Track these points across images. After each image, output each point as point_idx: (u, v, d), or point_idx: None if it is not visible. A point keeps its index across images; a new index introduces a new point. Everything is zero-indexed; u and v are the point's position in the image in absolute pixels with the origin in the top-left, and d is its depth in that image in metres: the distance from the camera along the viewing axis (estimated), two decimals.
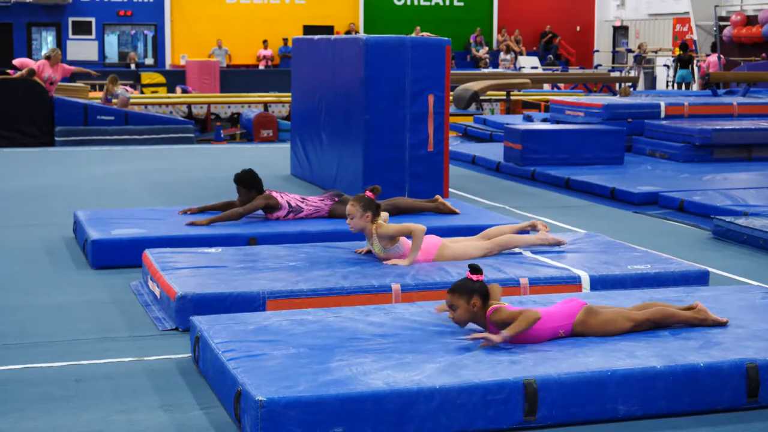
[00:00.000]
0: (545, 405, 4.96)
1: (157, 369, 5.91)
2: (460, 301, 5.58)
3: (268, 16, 37.25)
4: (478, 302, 5.57)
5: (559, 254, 7.98)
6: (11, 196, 12.23)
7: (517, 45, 39.18)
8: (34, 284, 7.96)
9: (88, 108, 19.82)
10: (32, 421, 5.06)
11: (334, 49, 12.60)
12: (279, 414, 4.61)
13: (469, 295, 5.57)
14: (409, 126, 11.46)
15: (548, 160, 14.35)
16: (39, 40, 35.59)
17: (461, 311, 5.59)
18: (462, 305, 5.58)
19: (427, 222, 9.50)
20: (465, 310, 5.59)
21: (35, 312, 7.13)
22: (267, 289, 6.76)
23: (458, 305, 5.59)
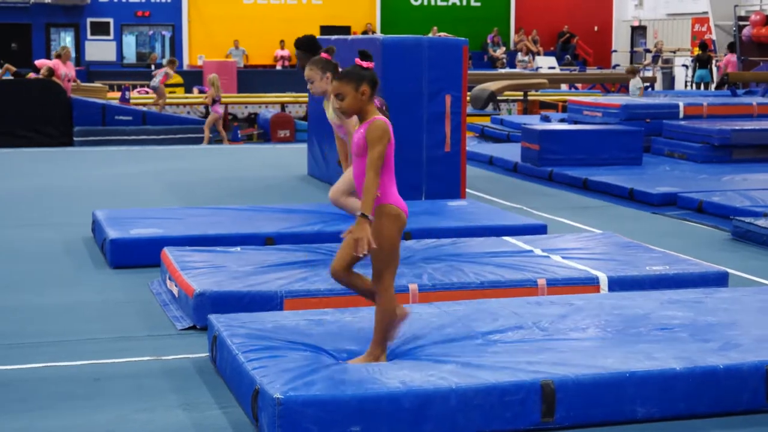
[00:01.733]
0: (563, 406, 4.94)
1: (175, 368, 5.92)
2: (347, 87, 5.19)
3: (285, 16, 37.28)
4: (367, 90, 5.21)
5: (578, 255, 7.96)
6: (30, 196, 12.26)
7: (535, 45, 39.12)
8: (53, 284, 7.98)
9: (106, 108, 19.90)
10: (51, 420, 5.08)
11: (351, 50, 12.58)
12: (296, 412, 4.61)
13: (358, 82, 5.20)
14: (425, 126, 11.45)
15: (566, 160, 14.31)
16: (57, 40, 35.70)
17: (349, 99, 5.20)
18: (350, 92, 5.19)
19: (443, 222, 9.51)
20: (353, 98, 5.20)
21: (54, 311, 7.15)
22: (284, 288, 6.76)
23: (346, 93, 5.19)
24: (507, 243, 8.32)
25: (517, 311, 6.18)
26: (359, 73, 5.25)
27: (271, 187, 13.24)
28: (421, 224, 9.33)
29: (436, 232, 9.06)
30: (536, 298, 6.65)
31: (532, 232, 9.18)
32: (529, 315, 6.10)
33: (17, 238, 9.69)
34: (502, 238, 8.56)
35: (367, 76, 5.25)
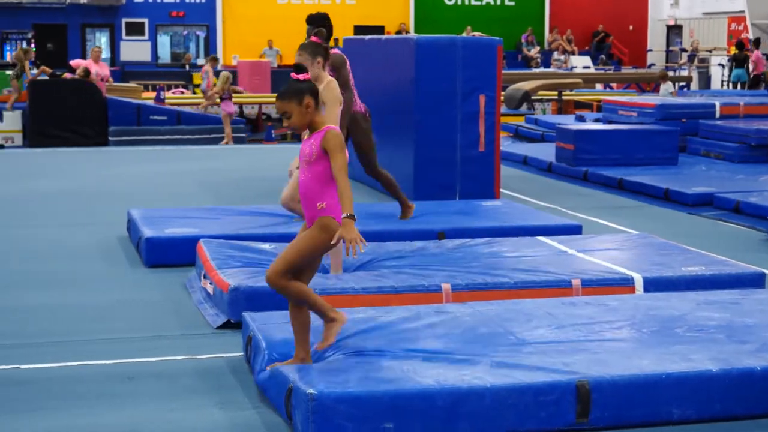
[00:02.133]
0: (598, 407, 4.91)
1: (209, 367, 5.93)
2: (291, 104, 5.15)
3: None
4: (311, 102, 5.15)
5: (612, 255, 7.92)
6: (66, 196, 12.34)
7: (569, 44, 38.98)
8: (88, 282, 8.03)
9: (141, 108, 19.98)
10: (86, 418, 5.10)
11: (385, 50, 12.60)
12: (329, 408, 4.61)
13: (300, 97, 5.14)
14: (459, 126, 11.44)
15: (600, 160, 14.24)
16: (93, 41, 35.89)
17: (296, 116, 5.16)
18: (295, 109, 5.15)
19: (477, 222, 9.49)
20: (300, 114, 5.15)
21: (89, 310, 7.19)
22: (318, 286, 6.76)
23: (291, 110, 5.15)
24: (541, 243, 8.29)
25: (551, 311, 6.15)
26: (298, 87, 5.19)
27: None
28: (455, 224, 9.33)
29: (470, 232, 9.04)
30: (571, 299, 6.62)
31: (567, 233, 9.15)
32: (564, 315, 6.07)
33: (53, 238, 9.75)
34: (536, 238, 8.53)
35: (306, 89, 5.19)
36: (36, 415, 5.14)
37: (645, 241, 8.54)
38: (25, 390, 5.52)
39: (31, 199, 12.08)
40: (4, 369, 5.86)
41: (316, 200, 5.17)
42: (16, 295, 7.62)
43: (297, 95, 5.16)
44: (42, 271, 8.38)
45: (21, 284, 7.93)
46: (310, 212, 5.21)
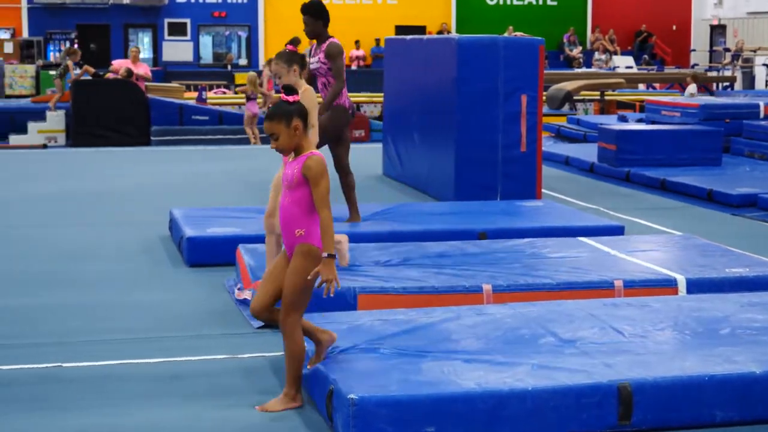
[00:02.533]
0: (640, 409, 4.88)
1: (250, 366, 5.95)
2: (280, 125, 5.08)
3: (360, 16, 37.37)
4: (299, 125, 5.09)
5: (655, 256, 7.87)
6: (108, 195, 12.42)
7: (612, 44, 38.79)
8: (130, 281, 8.08)
9: (183, 108, 20.09)
10: (129, 417, 5.13)
11: (427, 50, 12.59)
12: (370, 413, 4.61)
13: (288, 119, 5.08)
14: (501, 126, 11.41)
15: (643, 161, 14.15)
16: (135, 41, 36.13)
17: (283, 137, 5.09)
18: (282, 131, 5.08)
19: (518, 223, 9.46)
20: (287, 136, 5.08)
21: (132, 309, 7.23)
22: (358, 285, 6.77)
23: (279, 132, 5.09)
24: (583, 244, 8.25)
25: (593, 313, 6.12)
26: (286, 109, 5.14)
27: None
28: (496, 225, 9.31)
29: (511, 232, 9.02)
30: (613, 300, 6.58)
31: (609, 233, 9.10)
32: (606, 317, 6.04)
33: (95, 237, 9.81)
34: (578, 239, 8.49)
35: (294, 111, 5.13)
36: (79, 413, 5.18)
37: (688, 242, 8.48)
38: (67, 388, 5.56)
39: (73, 199, 12.17)
40: (48, 367, 5.90)
41: (294, 227, 5.12)
42: (58, 294, 7.68)
43: (286, 117, 5.10)
44: (84, 270, 8.44)
45: (63, 283, 7.99)
46: (288, 239, 5.16)
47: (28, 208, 11.48)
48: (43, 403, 5.31)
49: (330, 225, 5.06)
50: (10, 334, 6.59)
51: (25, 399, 5.38)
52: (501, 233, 8.99)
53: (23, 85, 29.10)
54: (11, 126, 20.61)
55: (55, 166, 15.75)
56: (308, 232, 5.10)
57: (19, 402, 5.34)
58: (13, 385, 5.62)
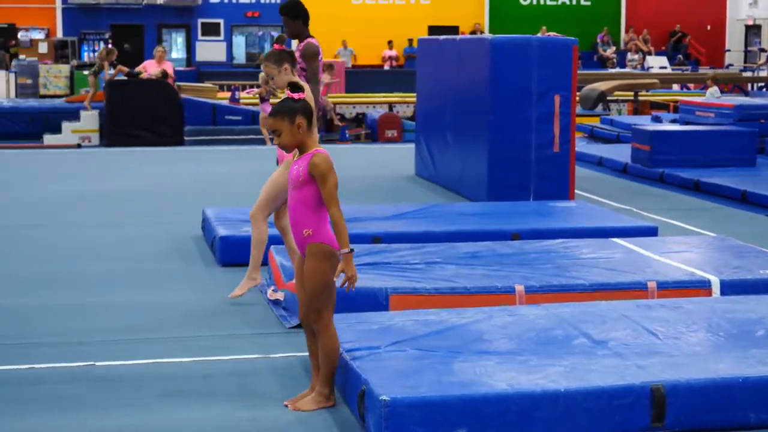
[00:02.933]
0: (673, 411, 4.85)
1: (282, 366, 5.96)
2: (283, 122, 5.10)
3: (393, 16, 37.33)
4: (303, 123, 5.10)
5: (689, 258, 7.82)
6: (141, 195, 12.48)
7: (646, 44, 38.60)
8: (162, 280, 8.11)
9: (216, 108, 20.14)
10: (160, 416, 5.14)
11: (460, 50, 12.57)
12: (402, 414, 4.61)
13: (292, 116, 5.09)
14: (534, 126, 11.38)
15: (677, 161, 14.08)
16: (169, 41, 36.26)
17: (286, 134, 5.11)
18: (286, 127, 5.10)
19: (551, 223, 9.43)
20: (290, 133, 5.10)
21: (164, 308, 7.25)
22: (390, 285, 6.77)
23: (282, 128, 5.11)
24: (616, 245, 8.21)
25: (626, 314, 6.09)
26: (291, 106, 5.13)
27: (379, 187, 13.27)
28: (529, 225, 9.28)
29: (544, 233, 8.99)
30: (646, 301, 6.54)
31: (642, 234, 9.05)
32: (639, 318, 6.01)
33: (129, 236, 9.85)
34: (611, 239, 8.45)
35: (299, 108, 5.12)
36: (110, 412, 5.20)
37: (722, 244, 8.42)
38: (99, 387, 5.58)
39: (106, 198, 12.23)
40: (80, 366, 5.93)
41: (302, 227, 5.11)
42: (91, 292, 7.72)
43: (289, 114, 5.11)
44: (117, 269, 8.48)
45: (96, 282, 8.03)
46: (299, 239, 5.16)
47: (63, 208, 11.55)
48: (74, 402, 5.34)
49: (341, 221, 5.06)
50: (42, 332, 6.63)
51: (57, 397, 5.41)
52: (534, 234, 8.97)
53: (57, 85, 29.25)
54: (46, 126, 20.73)
55: (89, 165, 15.84)
56: (316, 231, 5.10)
57: (50, 400, 5.37)
58: (45, 383, 5.65)
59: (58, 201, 12.02)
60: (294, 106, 5.14)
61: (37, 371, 5.86)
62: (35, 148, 18.88)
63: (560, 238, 8.65)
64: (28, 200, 12.09)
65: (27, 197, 12.32)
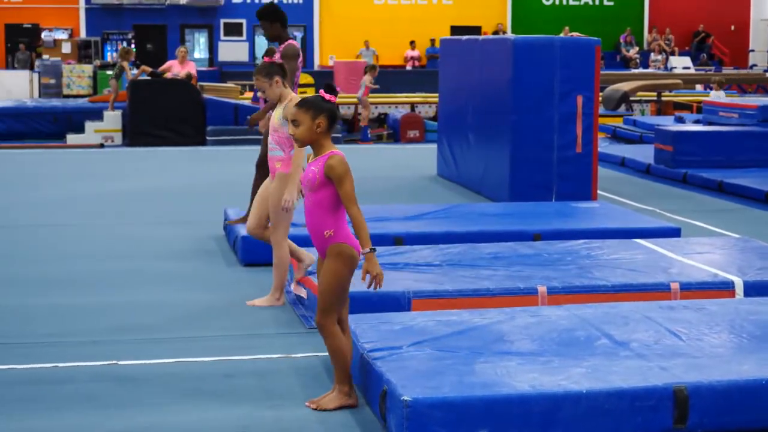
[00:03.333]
0: (696, 413, 4.83)
1: (304, 366, 5.96)
2: (305, 116, 5.08)
3: (415, 16, 37.33)
4: (323, 123, 5.08)
5: (712, 259, 7.79)
6: (164, 194, 12.51)
7: (669, 45, 38.47)
8: (185, 280, 8.12)
9: (238, 108, 20.16)
10: (182, 415, 5.16)
11: (482, 50, 12.55)
12: (424, 414, 4.60)
13: (316, 113, 5.08)
14: (557, 127, 11.35)
15: (700, 162, 14.02)
16: (192, 41, 36.36)
17: (303, 128, 5.09)
18: (306, 122, 5.08)
19: (573, 224, 9.40)
20: (307, 129, 5.09)
21: (185, 307, 7.27)
22: (412, 288, 6.76)
23: (302, 121, 5.09)
24: (639, 246, 8.18)
25: (649, 315, 6.07)
26: (319, 104, 5.12)
27: (401, 187, 13.27)
28: (551, 226, 9.26)
29: (566, 233, 8.97)
30: (669, 303, 6.52)
31: (665, 235, 9.02)
32: (662, 319, 5.98)
33: (150, 236, 9.88)
34: (634, 240, 8.42)
35: (326, 109, 5.11)
36: (133, 411, 5.22)
37: (746, 245, 8.38)
38: (122, 386, 5.60)
39: (129, 198, 12.27)
40: (103, 365, 5.95)
41: (322, 228, 5.11)
42: (113, 292, 7.74)
43: (314, 109, 5.11)
44: (139, 268, 8.50)
45: (118, 282, 8.06)
46: (319, 241, 5.15)
47: (85, 207, 11.59)
48: (98, 401, 5.36)
49: (362, 221, 5.05)
50: (67, 331, 6.66)
51: (81, 397, 5.43)
52: (556, 234, 8.95)
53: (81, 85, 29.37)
54: (69, 125, 20.82)
55: (111, 165, 15.90)
56: (337, 232, 5.10)
57: (74, 399, 5.39)
58: (70, 382, 5.67)
59: (81, 200, 12.06)
60: (321, 104, 5.13)
61: (60, 370, 5.88)
62: (58, 148, 18.97)
63: (582, 238, 8.62)
64: (51, 199, 12.14)
65: (51, 196, 12.38)
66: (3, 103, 22.79)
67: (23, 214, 11.16)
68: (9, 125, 21.29)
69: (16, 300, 7.48)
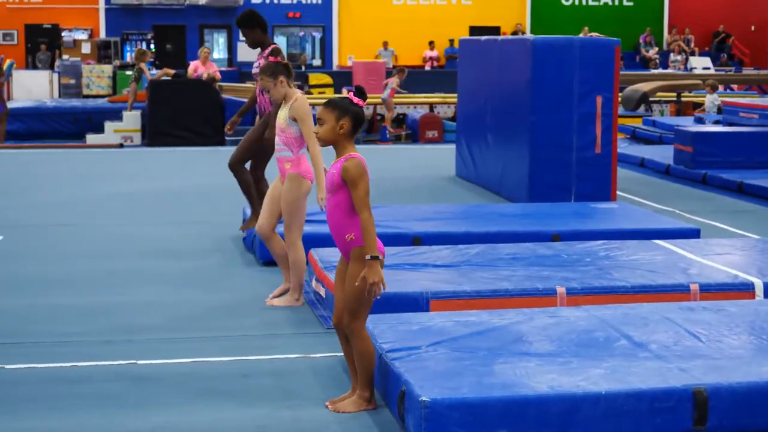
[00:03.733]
0: (716, 414, 4.81)
1: (321, 366, 5.96)
2: (330, 116, 5.09)
3: (434, 17, 37.32)
4: (347, 125, 5.09)
5: (732, 260, 7.76)
6: (183, 194, 12.54)
7: (688, 45, 38.35)
8: (203, 280, 8.13)
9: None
10: (200, 415, 5.16)
11: (501, 50, 12.53)
12: (442, 415, 4.59)
13: (341, 114, 5.09)
14: (576, 127, 11.33)
15: (720, 163, 13.96)
16: (211, 41, 36.43)
17: (327, 128, 5.09)
18: (330, 122, 5.09)
19: (592, 225, 9.38)
20: (330, 129, 5.09)
21: (204, 307, 7.28)
22: (431, 289, 6.75)
23: (326, 120, 5.10)
24: (658, 247, 8.15)
25: (668, 316, 6.05)
26: (345, 106, 5.12)
27: (419, 187, 13.27)
28: (570, 227, 9.23)
29: (585, 234, 8.94)
30: (688, 304, 6.49)
31: (685, 236, 8.98)
32: (681, 320, 5.96)
33: (169, 235, 9.90)
34: (653, 241, 8.39)
35: (351, 111, 5.11)
36: (151, 410, 5.23)
37: (766, 246, 8.34)
38: (141, 385, 5.61)
39: (148, 197, 12.30)
40: (121, 364, 5.97)
41: (343, 231, 5.10)
42: (131, 290, 7.76)
43: (340, 110, 5.11)
44: (157, 268, 8.52)
45: (137, 280, 8.08)
46: (341, 244, 5.15)
47: (104, 207, 11.63)
48: (117, 400, 5.37)
49: (370, 226, 5.02)
50: (86, 330, 6.68)
51: (99, 396, 5.44)
52: (575, 235, 8.92)
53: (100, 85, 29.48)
54: (88, 125, 20.91)
55: (131, 165, 15.94)
56: (357, 235, 5.09)
57: (93, 399, 5.40)
58: (88, 381, 5.69)
59: (100, 200, 12.10)
60: (348, 106, 5.13)
61: (79, 369, 5.90)
62: (78, 148, 19.03)
63: (601, 239, 8.60)
64: (70, 199, 12.18)
65: (70, 196, 12.42)
66: (23, 103, 22.91)
67: (47, 213, 11.20)
68: (29, 125, 21.40)
69: (43, 299, 7.50)
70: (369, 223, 5.01)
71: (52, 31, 34.39)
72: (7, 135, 20.47)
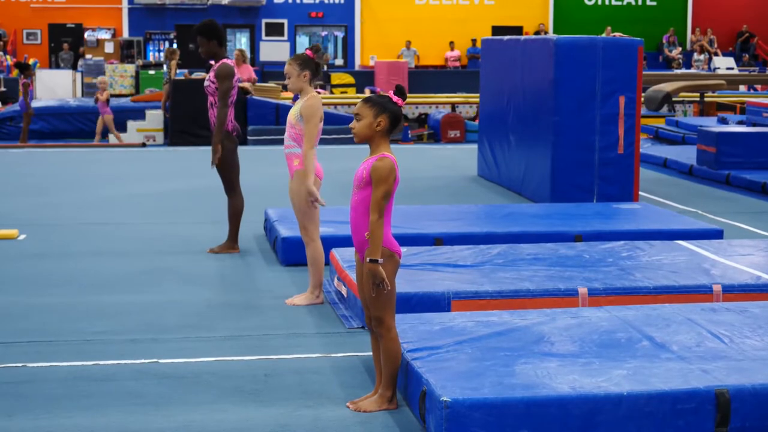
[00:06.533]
0: (738, 416, 4.79)
1: (343, 366, 5.96)
2: (369, 112, 5.08)
3: (456, 17, 37.31)
4: (384, 123, 5.07)
5: (755, 261, 7.72)
6: (205, 194, 12.55)
7: (712, 45, 38.20)
8: (225, 280, 8.16)
9: (279, 108, 20.21)
10: (222, 413, 5.17)
11: (524, 50, 12.51)
12: (463, 415, 4.59)
13: (380, 112, 5.07)
14: (599, 128, 11.30)
15: (744, 163, 13.91)
16: (233, 41, 36.51)
17: (363, 124, 5.08)
18: (368, 118, 5.07)
19: (615, 225, 9.36)
20: (367, 125, 5.08)
21: (226, 307, 7.30)
22: (452, 289, 6.75)
23: (363, 116, 5.08)
24: (681, 247, 8.13)
25: (690, 317, 6.03)
26: (384, 104, 5.10)
27: (441, 187, 13.26)
28: (592, 227, 9.21)
29: (607, 235, 8.92)
30: (711, 305, 6.47)
31: (708, 237, 8.96)
32: (704, 321, 5.94)
33: (191, 235, 9.93)
34: (675, 242, 8.37)
35: (390, 110, 5.09)
36: (173, 409, 5.24)
37: None
38: (163, 384, 5.63)
39: (170, 197, 12.34)
40: (144, 363, 5.99)
41: (363, 229, 5.09)
42: (153, 290, 7.79)
43: (379, 108, 5.10)
44: (179, 267, 8.54)
45: (158, 280, 8.10)
46: (358, 241, 5.15)
47: (125, 206, 11.67)
48: (139, 399, 5.39)
49: (378, 230, 5.00)
50: (108, 329, 6.70)
51: (123, 394, 5.46)
52: (597, 236, 8.90)
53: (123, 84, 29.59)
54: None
55: (153, 164, 16.00)
56: None
57: (117, 397, 5.42)
58: (112, 380, 5.71)
59: (123, 199, 12.14)
60: (388, 105, 5.12)
61: (103, 367, 5.92)
62: (101, 147, 19.11)
63: (624, 240, 8.58)
64: (93, 198, 12.23)
65: (93, 195, 12.47)
66: (46, 103, 23.02)
67: (70, 212, 11.26)
68: (52, 124, 21.51)
69: (66, 298, 7.53)
70: (377, 226, 5.00)
71: (76, 30, 34.54)
72: (30, 134, 20.58)
